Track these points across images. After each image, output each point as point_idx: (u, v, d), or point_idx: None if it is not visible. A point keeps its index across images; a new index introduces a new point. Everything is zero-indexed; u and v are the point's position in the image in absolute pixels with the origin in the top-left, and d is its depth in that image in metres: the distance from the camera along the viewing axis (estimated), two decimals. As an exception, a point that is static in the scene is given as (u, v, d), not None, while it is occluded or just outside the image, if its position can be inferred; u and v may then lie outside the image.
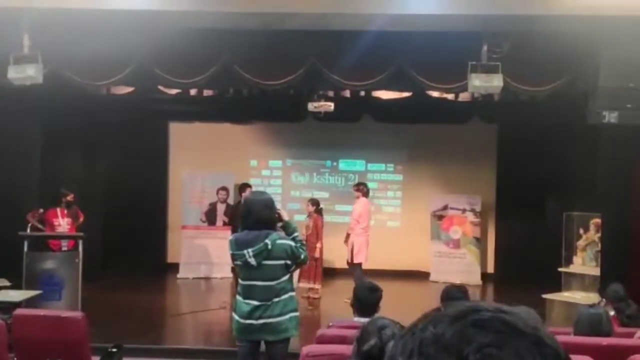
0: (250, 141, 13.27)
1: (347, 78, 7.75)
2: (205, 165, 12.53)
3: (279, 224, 4.64)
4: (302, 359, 3.31)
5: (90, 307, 8.11)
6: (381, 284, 9.99)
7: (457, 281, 11.74)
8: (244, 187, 10.56)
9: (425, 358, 0.73)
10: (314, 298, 10.23)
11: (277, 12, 6.49)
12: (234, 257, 4.54)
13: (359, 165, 13.43)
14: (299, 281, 10.30)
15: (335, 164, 13.44)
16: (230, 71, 7.75)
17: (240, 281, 4.60)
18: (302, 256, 4.58)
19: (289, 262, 4.51)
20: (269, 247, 4.43)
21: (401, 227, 13.25)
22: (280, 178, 13.52)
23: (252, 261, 4.44)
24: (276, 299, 4.48)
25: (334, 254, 11.50)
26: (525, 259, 11.41)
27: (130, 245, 12.07)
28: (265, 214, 4.51)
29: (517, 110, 10.74)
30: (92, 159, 11.71)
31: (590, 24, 6.39)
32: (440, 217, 12.50)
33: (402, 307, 5.24)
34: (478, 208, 12.35)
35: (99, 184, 11.88)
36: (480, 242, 12.47)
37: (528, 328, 0.74)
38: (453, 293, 4.68)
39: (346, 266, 10.52)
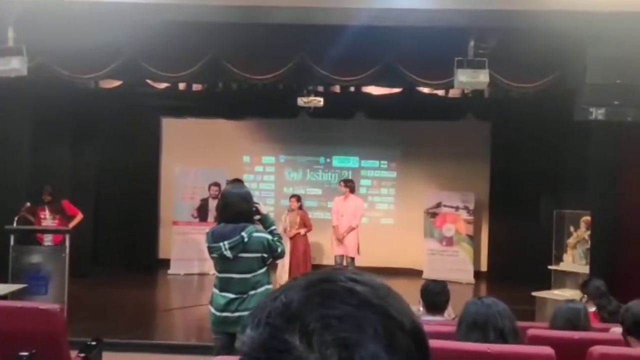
0: (244, 137, 13.31)
1: (335, 73, 7.79)
2: (197, 161, 12.58)
3: (257, 217, 4.68)
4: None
5: (79, 303, 8.16)
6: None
7: (450, 278, 11.79)
8: (235, 182, 10.60)
9: (270, 328, 0.73)
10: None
11: (263, 5, 6.52)
12: (210, 250, 4.58)
13: (352, 162, 13.47)
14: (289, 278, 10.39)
15: (328, 160, 13.48)
16: (218, 65, 7.78)
17: (216, 274, 4.64)
18: (279, 250, 4.62)
19: (265, 255, 4.55)
20: (245, 239, 4.47)
21: (394, 224, 13.30)
22: (273, 174, 13.57)
23: (228, 254, 4.47)
24: (252, 292, 4.52)
25: (325, 250, 11.56)
26: (518, 256, 11.44)
27: (120, 241, 12.14)
28: (243, 207, 4.55)
29: (510, 108, 10.78)
30: (82, 153, 11.74)
31: (577, 20, 6.42)
32: (434, 215, 12.54)
33: None
34: (471, 206, 12.38)
35: (89, 179, 11.93)
36: (474, 239, 12.50)
37: (376, 299, 0.75)
38: (431, 287, 4.72)
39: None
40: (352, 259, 10.32)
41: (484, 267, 12.84)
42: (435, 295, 4.66)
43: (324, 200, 12.97)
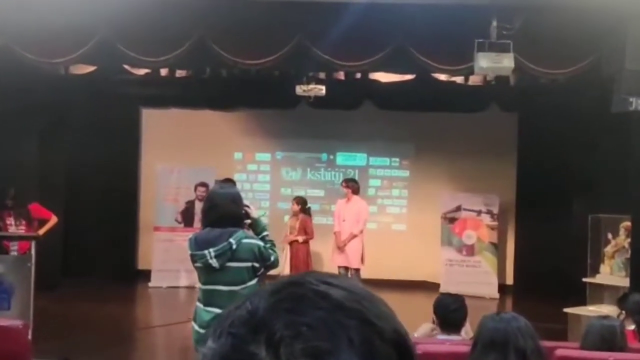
0: (235, 131, 13.34)
1: (338, 57, 7.81)
2: (182, 158, 12.60)
3: (247, 222, 4.69)
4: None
5: (46, 318, 8.18)
6: (385, 295, 9.96)
7: (471, 292, 11.82)
8: (225, 182, 10.58)
9: (233, 339, 0.73)
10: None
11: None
12: (193, 258, 4.59)
13: (359, 159, 13.49)
14: None
15: (332, 157, 13.51)
16: (205, 48, 7.80)
17: (200, 286, 4.65)
18: (272, 258, 4.63)
19: (256, 264, 4.55)
20: (234, 246, 4.47)
21: (407, 230, 13.32)
22: (269, 173, 13.60)
23: (214, 263, 4.48)
24: (242, 307, 4.53)
25: (328, 260, 11.56)
26: (549, 267, 11.44)
27: (94, 249, 12.15)
28: (231, 209, 4.56)
29: (539, 98, 10.79)
30: (51, 150, 11.75)
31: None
32: (452, 220, 12.54)
33: (407, 324, 5.31)
34: (495, 209, 12.39)
35: (58, 179, 11.95)
36: (498, 248, 12.51)
37: (352, 303, 0.75)
38: (446, 302, 4.72)
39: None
40: (357, 270, 10.33)
41: (509, 280, 12.84)
42: (451, 312, 4.66)
43: (326, 203, 12.99)
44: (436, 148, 12.87)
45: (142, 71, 9.59)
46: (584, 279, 9.45)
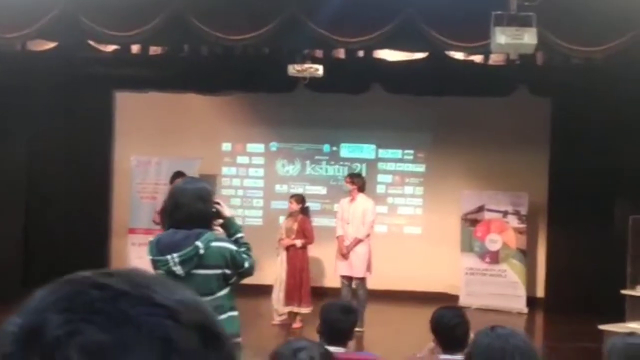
0: (223, 118, 13.36)
1: (337, 32, 7.81)
2: (161, 148, 12.64)
3: (217, 222, 4.67)
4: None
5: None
6: (397, 309, 10.01)
7: (495, 306, 11.82)
8: (177, 176, 10.24)
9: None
10: (296, 328, 10.30)
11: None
12: (155, 264, 4.57)
13: (367, 151, 13.49)
14: (285, 304, 10.39)
15: (335, 149, 13.52)
16: (181, 22, 7.82)
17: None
18: (247, 264, 4.61)
19: (227, 271, 4.54)
20: (201, 251, 4.45)
21: (422, 234, 13.31)
22: (262, 167, 13.62)
23: (179, 270, 4.46)
24: (211, 321, 4.52)
25: (329, 269, 11.56)
26: (586, 278, 11.42)
27: (60, 256, 12.14)
28: (198, 207, 4.53)
29: (576, 80, 10.72)
30: (7, 141, 11.78)
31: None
32: (474, 222, 12.53)
33: (422, 341, 5.31)
34: (524, 210, 12.36)
35: (17, 174, 11.96)
36: (527, 255, 12.48)
37: (137, 289, 0.76)
38: (444, 318, 4.70)
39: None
40: (362, 280, 10.33)
41: (540, 292, 12.81)
42: (452, 328, 4.63)
43: (329, 202, 12.99)
44: (456, 138, 12.85)
45: (110, 48, 9.60)
46: (623, 291, 9.42)
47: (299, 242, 10.45)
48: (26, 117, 12.03)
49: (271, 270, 10.84)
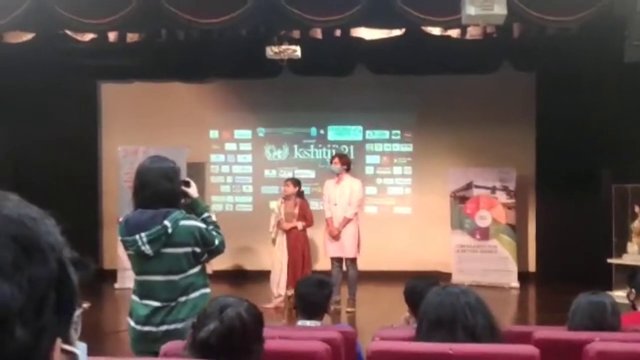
0: (208, 105, 13.40)
1: (310, 12, 7.82)
2: (148, 138, 12.65)
3: (184, 202, 4.70)
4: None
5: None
6: (389, 289, 10.07)
7: (488, 282, 11.87)
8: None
9: None
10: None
11: None
12: (124, 245, 4.61)
13: (354, 132, 13.53)
14: (288, 287, 10.37)
15: (322, 132, 13.56)
16: (154, 6, 7.83)
17: (135, 276, 4.68)
18: (217, 241, 4.63)
19: (197, 249, 4.56)
20: (169, 230, 4.48)
21: (412, 214, 13.38)
22: (250, 153, 13.67)
23: (147, 249, 4.49)
24: (182, 298, 4.54)
25: (320, 250, 11.61)
26: (576, 250, 11.45)
27: (50, 247, 12.22)
28: (164, 186, 4.55)
29: (560, 53, 10.72)
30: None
31: None
32: (463, 199, 12.57)
33: None
34: (512, 186, 12.40)
35: (3, 167, 12.00)
36: (517, 230, 12.52)
37: None
38: (416, 288, 4.75)
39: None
40: (353, 260, 10.37)
41: (531, 266, 12.89)
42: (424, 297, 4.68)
43: (318, 185, 12.97)
44: (442, 116, 12.88)
45: (87, 37, 9.62)
46: (609, 260, 9.48)
47: (300, 225, 10.46)
48: (8, 113, 12.06)
49: (265, 255, 10.88)
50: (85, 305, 6.63)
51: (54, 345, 0.89)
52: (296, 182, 10.73)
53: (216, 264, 8.92)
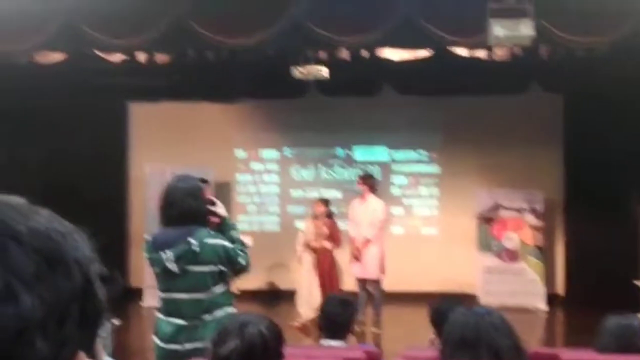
0: (235, 125, 13.46)
1: (337, 33, 7.85)
2: (175, 157, 12.70)
3: (215, 220, 4.73)
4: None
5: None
6: (415, 310, 10.03)
7: (515, 305, 11.75)
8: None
9: None
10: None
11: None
12: (150, 262, 4.65)
13: (380, 153, 13.52)
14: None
15: (348, 152, 13.56)
16: (184, 27, 7.91)
17: (159, 294, 4.71)
18: (242, 261, 4.66)
19: (222, 268, 4.59)
20: (196, 248, 4.52)
21: (439, 235, 13.33)
22: (277, 173, 13.70)
23: (173, 267, 4.53)
24: (208, 317, 4.56)
25: (346, 272, 11.57)
26: (606, 273, 11.31)
27: (77, 266, 12.30)
28: (190, 205, 4.60)
29: (589, 73, 10.66)
30: (20, 155, 11.93)
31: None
32: (490, 221, 12.50)
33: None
34: (540, 207, 12.34)
35: (31, 188, 11.98)
36: (545, 252, 12.44)
37: None
38: (442, 310, 4.73)
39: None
40: (376, 282, 10.35)
41: (560, 289, 12.76)
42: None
43: (344, 206, 12.93)
44: (469, 137, 12.84)
45: (117, 57, 9.72)
46: (635, 281, 9.38)
47: (329, 245, 10.44)
48: (39, 132, 12.18)
49: (292, 274, 10.87)
50: (116, 322, 6.67)
51: (75, 358, 0.90)
52: (326, 202, 10.76)
53: (243, 283, 8.93)
